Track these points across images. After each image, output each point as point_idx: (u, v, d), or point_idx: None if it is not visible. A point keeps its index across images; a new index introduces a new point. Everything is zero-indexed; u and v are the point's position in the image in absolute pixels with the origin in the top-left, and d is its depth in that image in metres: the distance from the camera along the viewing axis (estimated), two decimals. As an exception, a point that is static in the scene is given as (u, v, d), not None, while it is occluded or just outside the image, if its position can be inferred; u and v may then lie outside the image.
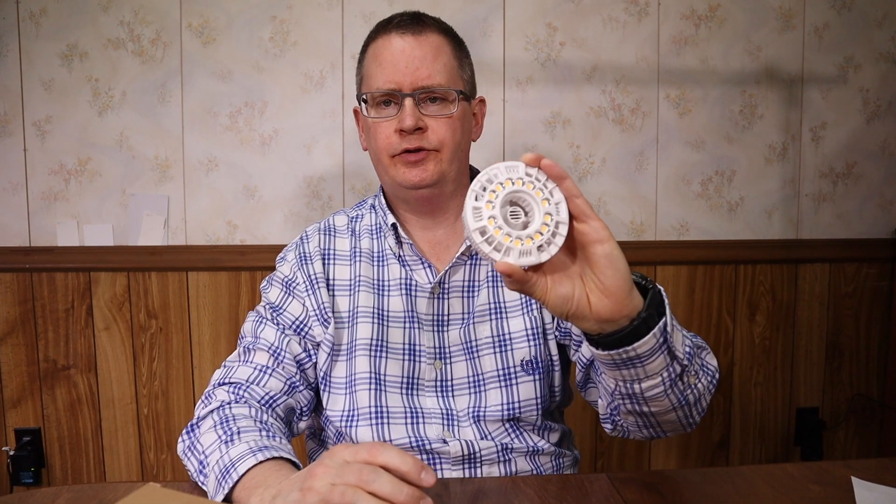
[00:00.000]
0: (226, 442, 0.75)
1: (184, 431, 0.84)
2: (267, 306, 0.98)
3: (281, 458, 0.71)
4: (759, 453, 1.85)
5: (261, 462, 0.69)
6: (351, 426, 0.93)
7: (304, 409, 0.95)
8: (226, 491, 0.69)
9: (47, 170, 1.66)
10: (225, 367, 0.93)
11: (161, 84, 1.65)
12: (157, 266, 1.68)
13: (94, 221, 1.68)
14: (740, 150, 1.77)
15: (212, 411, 0.83)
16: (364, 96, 0.96)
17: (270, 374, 0.90)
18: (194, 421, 0.84)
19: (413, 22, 0.94)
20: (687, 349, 0.73)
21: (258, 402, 0.87)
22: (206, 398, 0.88)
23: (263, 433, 0.77)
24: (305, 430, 1.01)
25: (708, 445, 1.83)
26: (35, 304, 1.67)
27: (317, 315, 0.96)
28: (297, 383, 0.93)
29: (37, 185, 1.67)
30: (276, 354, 0.92)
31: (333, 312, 0.96)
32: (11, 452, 1.67)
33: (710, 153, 1.76)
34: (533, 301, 0.97)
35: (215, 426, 0.79)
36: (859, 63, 1.78)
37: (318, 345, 0.96)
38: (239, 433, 0.76)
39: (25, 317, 1.67)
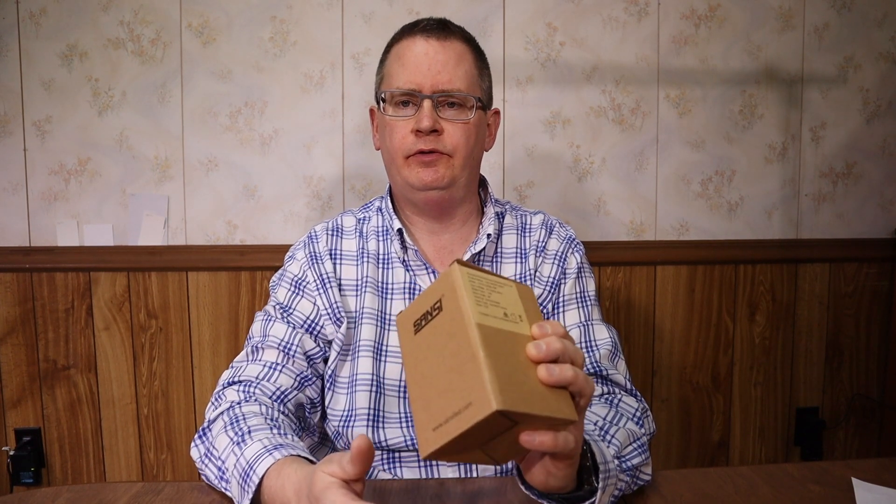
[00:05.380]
0: (238, 443, 0.74)
1: (196, 437, 0.83)
2: (276, 306, 0.97)
3: (297, 455, 0.70)
4: (759, 453, 1.85)
5: (278, 461, 0.68)
6: (348, 427, 0.93)
7: (317, 401, 0.95)
8: (250, 495, 0.68)
9: (47, 170, 1.66)
10: (232, 367, 0.92)
11: (161, 84, 1.65)
12: (157, 266, 1.68)
13: (94, 221, 1.68)
14: (740, 150, 1.77)
15: (222, 413, 0.82)
16: (383, 94, 0.96)
17: (280, 371, 0.90)
18: (205, 424, 0.83)
19: (439, 28, 0.95)
20: (617, 491, 0.73)
21: (269, 398, 0.86)
22: (216, 400, 0.87)
23: (275, 430, 0.76)
24: (320, 422, 1.00)
25: (708, 445, 1.83)
26: (35, 304, 1.67)
27: (328, 314, 0.96)
28: (308, 377, 0.93)
29: (37, 185, 1.67)
30: (286, 350, 0.92)
31: (345, 312, 0.96)
32: (11, 452, 1.67)
33: (709, 153, 1.76)
34: None
35: (226, 428, 0.78)
36: (859, 63, 1.78)
37: (330, 343, 0.96)
38: (250, 432, 0.75)
39: (25, 317, 1.67)
